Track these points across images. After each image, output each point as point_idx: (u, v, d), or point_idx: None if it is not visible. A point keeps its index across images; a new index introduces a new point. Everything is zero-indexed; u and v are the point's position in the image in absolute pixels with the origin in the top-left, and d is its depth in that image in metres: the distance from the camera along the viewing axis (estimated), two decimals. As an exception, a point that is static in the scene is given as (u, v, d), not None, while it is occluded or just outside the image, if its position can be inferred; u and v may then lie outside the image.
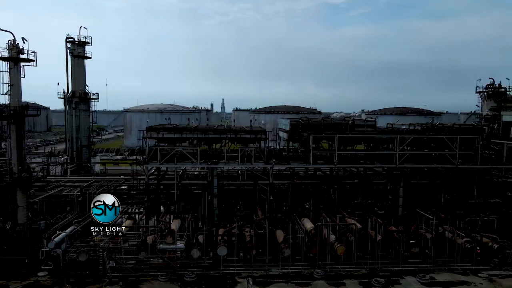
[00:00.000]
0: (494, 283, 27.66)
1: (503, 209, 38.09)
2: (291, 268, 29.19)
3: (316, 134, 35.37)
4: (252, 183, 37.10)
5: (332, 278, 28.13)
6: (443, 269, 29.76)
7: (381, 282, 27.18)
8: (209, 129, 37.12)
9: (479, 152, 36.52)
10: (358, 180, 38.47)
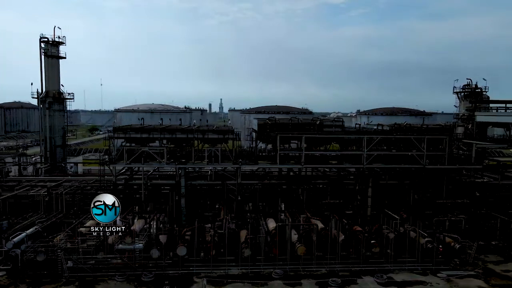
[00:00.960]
0: (451, 283, 27.73)
1: (471, 209, 38.25)
2: (251, 268, 29.22)
3: (282, 134, 35.40)
4: (220, 183, 37.14)
5: (290, 278, 28.15)
6: (403, 269, 29.83)
7: (337, 282, 27.23)
8: (176, 129, 37.16)
9: (446, 152, 36.64)
10: (327, 180, 38.53)
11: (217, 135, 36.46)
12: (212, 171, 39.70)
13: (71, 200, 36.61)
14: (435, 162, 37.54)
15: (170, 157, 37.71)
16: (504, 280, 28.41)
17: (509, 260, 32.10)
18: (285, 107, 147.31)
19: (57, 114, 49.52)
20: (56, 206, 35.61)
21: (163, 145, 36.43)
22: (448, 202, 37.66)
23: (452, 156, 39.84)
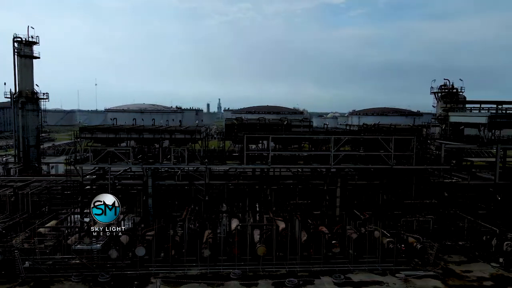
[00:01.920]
0: (408, 283, 27.75)
1: (439, 210, 38.33)
2: (211, 269, 29.21)
3: (249, 134, 35.40)
4: (188, 183, 37.13)
5: (248, 279, 28.12)
6: (363, 269, 29.85)
7: (294, 282, 27.23)
8: (143, 129, 37.12)
9: (414, 153, 36.69)
10: (296, 180, 38.55)
11: (184, 135, 36.45)
12: (183, 171, 39.67)
13: (38, 200, 36.52)
14: (404, 163, 37.61)
15: (139, 157, 37.84)
16: (462, 280, 28.44)
17: (472, 261, 32.12)
18: (276, 107, 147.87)
19: (31, 114, 49.46)
20: (22, 206, 35.54)
21: (130, 145, 36.31)
22: (416, 203, 37.70)
23: (421, 156, 39.94)
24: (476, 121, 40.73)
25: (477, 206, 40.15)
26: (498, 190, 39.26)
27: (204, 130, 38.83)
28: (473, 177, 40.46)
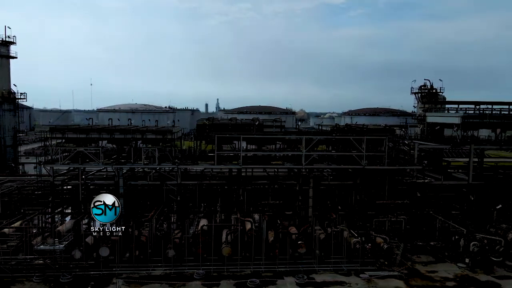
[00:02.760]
0: (370, 284, 27.78)
1: (412, 210, 38.37)
2: (176, 269, 29.21)
3: (220, 134, 35.37)
4: (159, 183, 37.09)
5: (211, 279, 28.12)
6: (329, 269, 29.87)
7: (255, 283, 27.24)
8: (115, 129, 37.05)
9: (386, 153, 36.69)
10: (268, 180, 38.57)
11: (155, 136, 36.42)
12: (158, 171, 39.61)
13: (8, 201, 36.44)
14: (377, 163, 37.59)
15: (114, 157, 37.79)
16: (425, 280, 28.47)
17: (440, 261, 32.18)
18: (268, 107, 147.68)
19: (7, 114, 49.38)
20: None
21: (100, 145, 36.26)
22: (388, 203, 37.71)
23: (394, 157, 39.99)
24: (450, 121, 40.81)
25: (451, 206, 40.20)
26: (471, 190, 39.29)
27: (177, 130, 38.80)
28: (447, 178, 40.49)
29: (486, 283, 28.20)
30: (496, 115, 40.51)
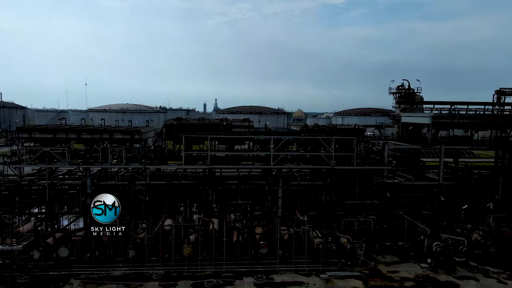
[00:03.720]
0: (328, 284, 27.74)
1: (382, 210, 38.39)
2: (136, 269, 29.14)
3: (187, 134, 35.29)
4: (127, 183, 37.00)
5: (170, 279, 28.04)
6: (290, 269, 29.82)
7: (213, 283, 27.19)
8: (82, 129, 36.95)
9: (355, 153, 36.66)
10: (238, 181, 38.52)
11: (123, 136, 36.34)
12: (129, 171, 39.52)
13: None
14: (348, 163, 37.55)
15: (88, 156, 37.71)
16: (384, 281, 28.44)
17: (404, 261, 32.16)
18: (259, 107, 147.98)
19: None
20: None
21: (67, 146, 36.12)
22: (357, 203, 37.72)
23: (365, 157, 40.02)
24: (421, 121, 40.80)
25: (422, 206, 40.21)
26: (441, 190, 39.32)
27: (147, 130, 38.73)
28: (418, 178, 40.50)
29: (445, 283, 28.19)
30: (466, 115, 40.46)
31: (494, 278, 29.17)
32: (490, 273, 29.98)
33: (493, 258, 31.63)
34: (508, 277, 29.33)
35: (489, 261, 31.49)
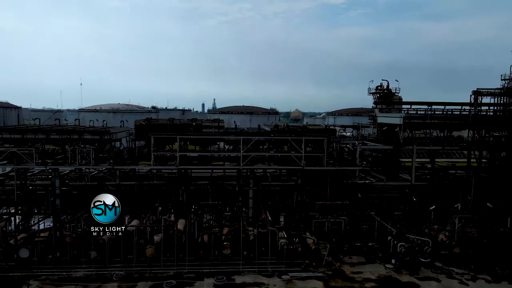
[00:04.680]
0: (289, 285, 27.67)
1: (353, 211, 38.35)
2: (98, 270, 29.03)
3: (156, 135, 35.24)
4: (97, 184, 36.87)
5: (130, 280, 27.92)
6: (253, 270, 29.73)
7: (172, 284, 27.10)
8: (51, 129, 36.82)
9: (325, 154, 36.64)
10: (209, 181, 38.45)
11: (92, 136, 36.23)
12: (101, 171, 39.38)
13: None
14: (319, 164, 37.52)
15: (60, 157, 37.67)
16: (345, 281, 28.37)
17: (370, 262, 32.11)
18: (251, 107, 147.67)
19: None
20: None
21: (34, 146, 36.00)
22: (328, 203, 37.64)
23: (337, 157, 39.98)
24: (394, 121, 40.76)
25: (395, 207, 40.18)
26: (413, 191, 39.29)
27: (118, 130, 38.63)
28: (391, 178, 40.43)
29: (406, 284, 28.15)
30: (438, 116, 40.40)
31: (457, 279, 29.14)
32: (454, 274, 29.94)
33: (459, 259, 31.56)
34: (471, 278, 29.30)
35: (455, 262, 31.43)
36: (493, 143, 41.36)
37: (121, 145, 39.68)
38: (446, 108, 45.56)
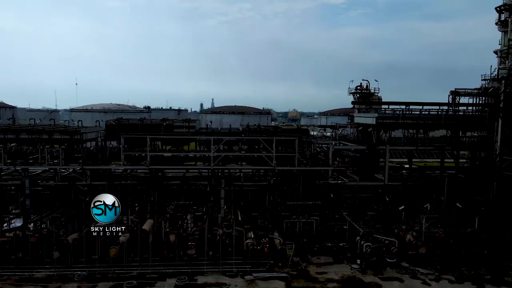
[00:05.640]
0: (251, 285, 27.60)
1: (325, 211, 38.31)
2: (61, 270, 28.92)
3: (126, 135, 35.15)
4: (67, 184, 36.77)
5: (92, 280, 27.80)
6: (217, 270, 29.64)
7: (132, 284, 27.04)
8: (21, 129, 36.71)
9: (296, 154, 36.55)
10: (180, 181, 38.35)
11: (61, 136, 36.12)
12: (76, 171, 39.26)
13: None
14: (289, 164, 37.46)
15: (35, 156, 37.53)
16: (308, 282, 28.28)
17: (338, 262, 32.05)
18: (243, 107, 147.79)
19: None
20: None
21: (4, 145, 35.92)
22: (299, 204, 37.59)
23: (313, 157, 39.94)
24: (367, 122, 40.73)
25: (367, 207, 40.17)
26: (387, 191, 39.27)
27: (89, 131, 38.53)
28: (366, 178, 40.41)
29: (368, 284, 28.10)
30: (411, 116, 40.35)
31: (421, 279, 29.09)
32: (419, 274, 29.90)
33: (426, 259, 31.53)
34: (435, 278, 29.26)
35: (422, 262, 31.38)
36: (468, 143, 41.37)
37: (96, 145, 39.50)
38: (424, 108, 45.68)
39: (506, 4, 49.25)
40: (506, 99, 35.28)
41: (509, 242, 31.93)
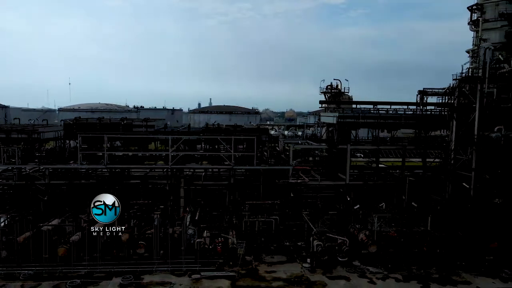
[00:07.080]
0: (196, 284, 27.63)
1: (285, 210, 38.37)
2: (9, 269, 28.90)
3: (84, 134, 35.13)
4: (24, 183, 36.71)
5: (37, 279, 27.79)
6: (166, 269, 29.65)
7: (75, 283, 27.03)
8: (-22, 129, 36.65)
9: (255, 153, 36.63)
10: (140, 180, 38.36)
11: (18, 135, 36.08)
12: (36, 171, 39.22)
13: None
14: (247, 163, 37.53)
15: None
16: (254, 281, 28.30)
17: (291, 261, 32.11)
18: (231, 107, 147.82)
19: None
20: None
21: None
22: (259, 203, 37.61)
23: (274, 156, 40.01)
24: (329, 121, 40.80)
25: (329, 206, 40.21)
26: (348, 190, 39.35)
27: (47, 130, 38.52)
28: (328, 178, 40.48)
29: (313, 283, 28.16)
30: (372, 115, 40.45)
31: (368, 278, 29.19)
32: (368, 273, 29.99)
33: (378, 258, 31.61)
34: (383, 277, 29.35)
35: (373, 261, 31.48)
36: (427, 143, 41.45)
37: (55, 145, 39.48)
38: (392, 108, 45.80)
39: (478, 4, 49.39)
40: (459, 98, 35.37)
41: (462, 241, 32.02)
